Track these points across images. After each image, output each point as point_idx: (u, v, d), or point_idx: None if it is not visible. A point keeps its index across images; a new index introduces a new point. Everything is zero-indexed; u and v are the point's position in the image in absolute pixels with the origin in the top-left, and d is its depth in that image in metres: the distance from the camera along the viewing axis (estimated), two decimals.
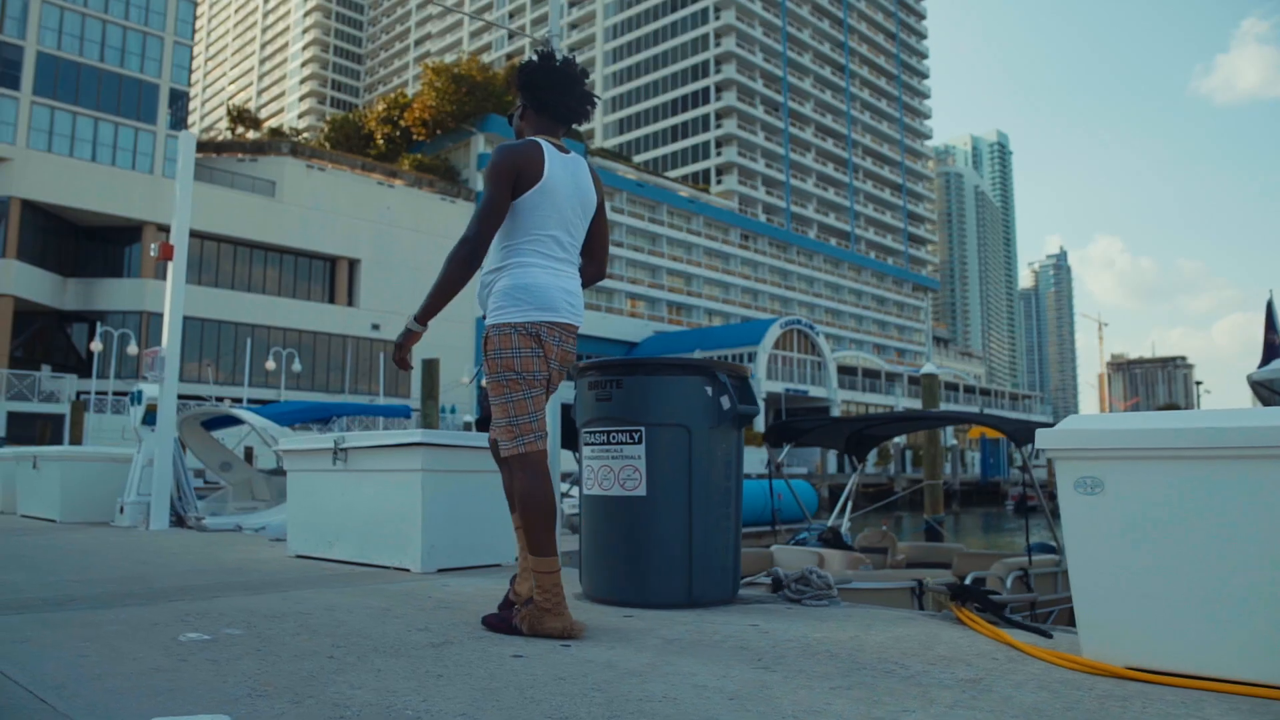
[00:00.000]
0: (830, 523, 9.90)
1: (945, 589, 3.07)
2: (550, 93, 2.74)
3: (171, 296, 6.85)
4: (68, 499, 7.23)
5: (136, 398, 7.00)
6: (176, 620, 2.65)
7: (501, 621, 2.59)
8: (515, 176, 2.59)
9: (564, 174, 2.67)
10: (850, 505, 10.31)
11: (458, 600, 3.19)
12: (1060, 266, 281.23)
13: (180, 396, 7.34)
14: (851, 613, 3.07)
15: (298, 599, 3.12)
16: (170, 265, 6.85)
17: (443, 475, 3.98)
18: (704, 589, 3.13)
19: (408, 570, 3.95)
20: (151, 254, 6.80)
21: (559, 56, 2.80)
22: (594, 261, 2.91)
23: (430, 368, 15.45)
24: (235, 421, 11.63)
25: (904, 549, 9.73)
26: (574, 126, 2.95)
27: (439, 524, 3.96)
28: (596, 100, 2.90)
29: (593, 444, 3.24)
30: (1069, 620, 7.98)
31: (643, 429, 3.13)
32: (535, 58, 2.80)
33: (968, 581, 7.78)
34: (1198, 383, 58.88)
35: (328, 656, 2.20)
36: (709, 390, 3.18)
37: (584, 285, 2.83)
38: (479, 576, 3.90)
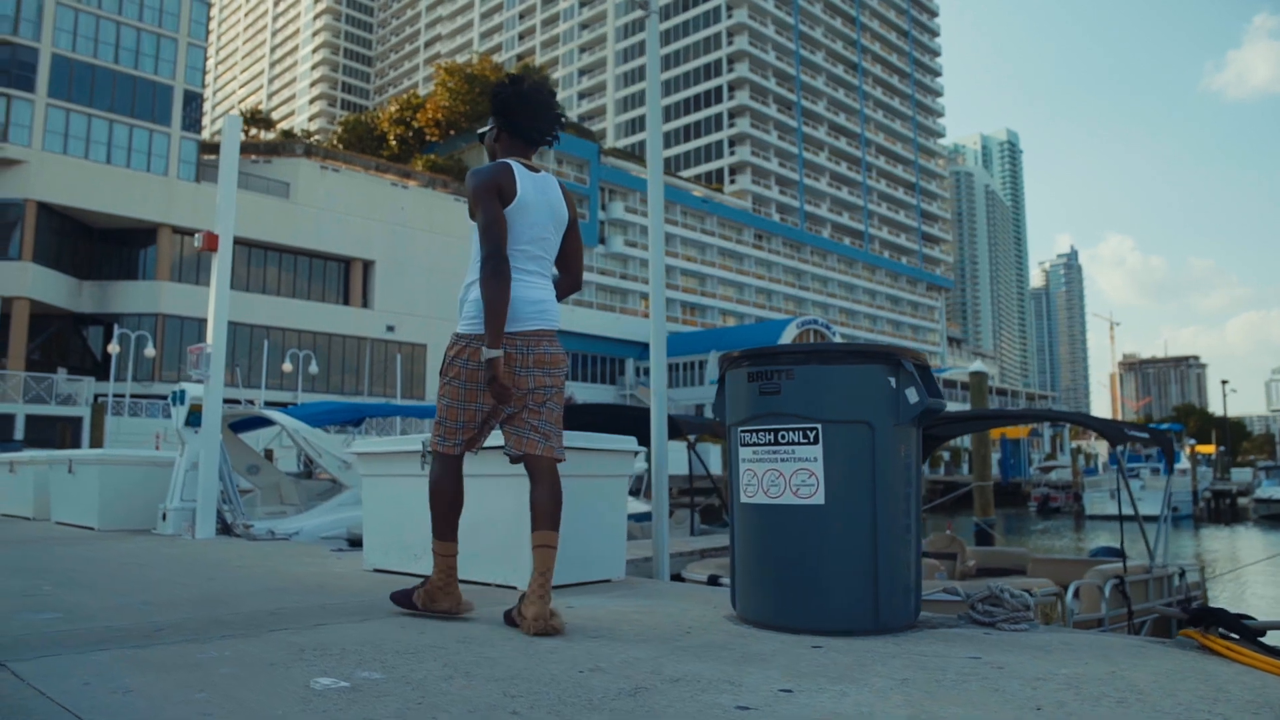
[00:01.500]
0: None
1: (1180, 613, 2.62)
2: (522, 117, 2.90)
3: (216, 289, 6.42)
4: (106, 505, 6.80)
5: (179, 397, 6.56)
6: (293, 658, 2.21)
7: (405, 597, 2.93)
8: (499, 191, 2.76)
9: (535, 192, 2.83)
10: None
11: (598, 626, 2.73)
12: (1071, 266, 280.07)
13: None
14: (1070, 639, 2.61)
15: (418, 628, 2.67)
16: (215, 257, 6.41)
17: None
18: (891, 612, 2.67)
19: (514, 588, 3.49)
20: (195, 244, 6.38)
21: (529, 80, 2.96)
22: (569, 274, 3.05)
23: None
24: (264, 423, 11.23)
25: (972, 554, 9.26)
26: (585, 127, 2.76)
27: None
28: (565, 123, 3.09)
29: (755, 444, 2.78)
30: (1163, 631, 7.45)
31: (819, 427, 2.67)
32: (509, 82, 2.95)
33: (1002, 587, 7.31)
34: (1223, 381, 58.14)
35: (510, 712, 1.75)
36: (892, 381, 2.72)
37: (560, 297, 2.97)
38: (596, 594, 3.45)
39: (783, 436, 2.72)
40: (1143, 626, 7.38)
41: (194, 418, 6.52)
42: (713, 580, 6.22)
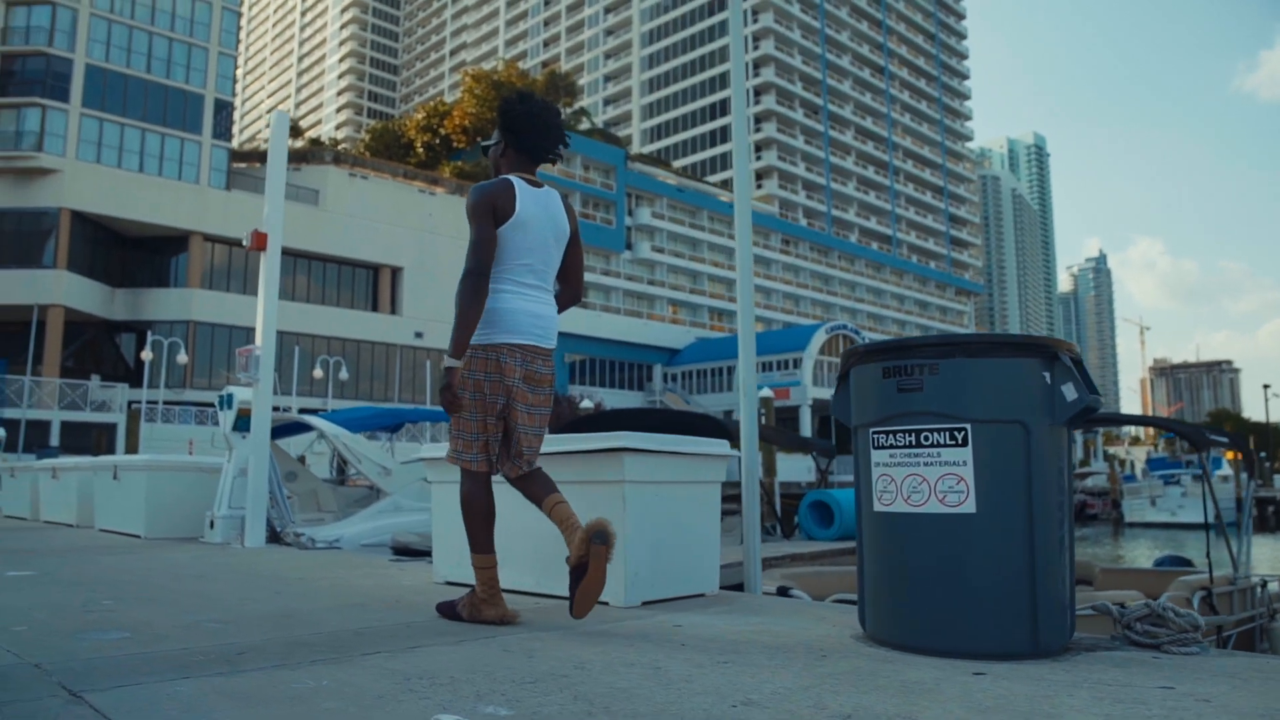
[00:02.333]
0: None
1: None
2: (530, 136, 2.95)
3: (265, 289, 6.22)
4: (153, 513, 6.61)
5: (227, 401, 6.37)
6: (401, 689, 1.95)
7: (449, 607, 2.94)
8: (494, 210, 2.81)
9: (536, 208, 2.88)
10: None
11: (721, 649, 2.46)
12: (1099, 270, 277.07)
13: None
14: (1258, 665, 2.31)
15: (524, 650, 2.41)
16: (263, 257, 6.22)
17: (648, 487, 3.27)
18: (1050, 633, 2.38)
19: (605, 603, 3.23)
20: (244, 244, 6.19)
21: (539, 99, 3.03)
22: (569, 287, 3.09)
23: None
24: (299, 429, 11.08)
25: None
26: (612, 133, 2.59)
27: (644, 548, 3.24)
28: (569, 142, 3.09)
29: (893, 447, 2.50)
30: (1247, 644, 7.03)
31: (968, 427, 2.40)
32: (518, 100, 3.00)
33: (1164, 604, 6.89)
34: (1265, 386, 56.98)
35: None
36: (1047, 376, 2.44)
37: (561, 309, 3.04)
38: (696, 611, 3.17)
39: (926, 438, 2.44)
40: (1230, 640, 7.02)
41: (242, 422, 6.33)
42: (782, 591, 5.94)
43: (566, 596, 3.36)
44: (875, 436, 2.56)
